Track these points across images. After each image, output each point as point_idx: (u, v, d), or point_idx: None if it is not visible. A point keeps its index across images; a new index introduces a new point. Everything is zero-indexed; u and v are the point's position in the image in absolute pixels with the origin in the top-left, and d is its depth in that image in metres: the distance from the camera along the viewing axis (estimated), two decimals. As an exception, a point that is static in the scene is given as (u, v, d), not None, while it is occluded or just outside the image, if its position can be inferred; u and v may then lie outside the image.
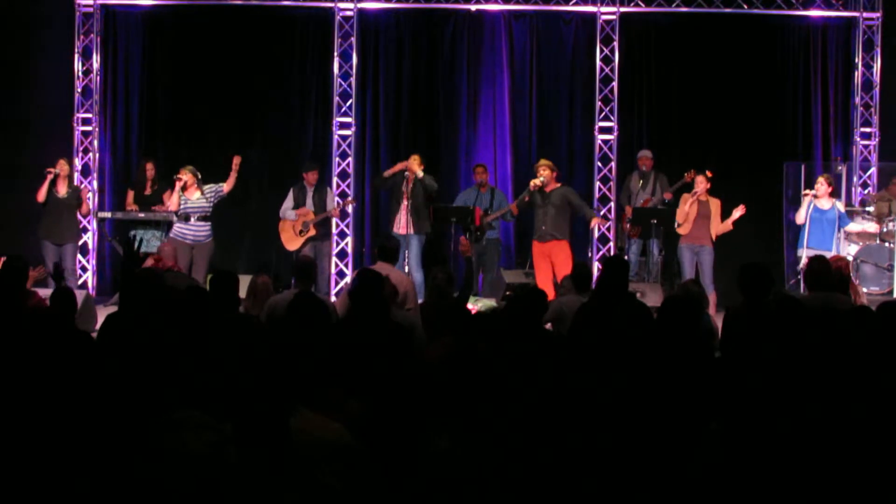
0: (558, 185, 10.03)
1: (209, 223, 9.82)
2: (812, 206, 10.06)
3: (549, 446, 3.27)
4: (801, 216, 10.11)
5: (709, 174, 10.27)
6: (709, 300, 9.12)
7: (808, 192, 10.20)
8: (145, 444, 2.94)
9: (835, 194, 10.41)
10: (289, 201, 10.70)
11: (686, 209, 10.15)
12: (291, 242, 10.67)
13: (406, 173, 10.37)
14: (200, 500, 2.83)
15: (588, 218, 10.29)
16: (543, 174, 9.86)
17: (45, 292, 7.43)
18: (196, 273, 9.39)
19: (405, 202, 10.33)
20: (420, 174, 10.33)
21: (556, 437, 3.33)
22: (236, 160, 10.00)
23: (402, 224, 10.31)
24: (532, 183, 9.87)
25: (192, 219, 9.72)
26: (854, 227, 10.49)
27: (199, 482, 2.84)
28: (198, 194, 9.76)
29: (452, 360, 3.69)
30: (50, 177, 10.10)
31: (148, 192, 10.80)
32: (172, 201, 9.79)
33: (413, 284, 7.64)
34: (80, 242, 10.89)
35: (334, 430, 3.25)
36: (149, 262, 8.16)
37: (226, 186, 9.96)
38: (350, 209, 11.51)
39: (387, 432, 3.50)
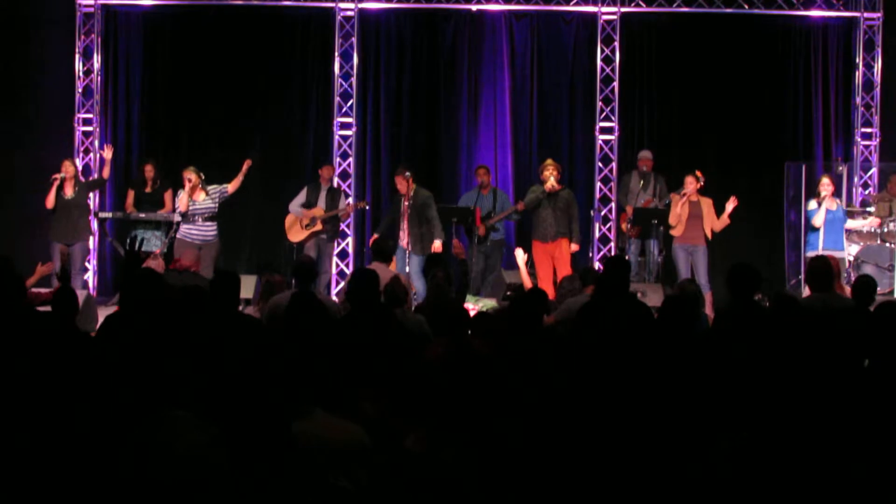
0: (560, 186, 10.08)
1: (215, 223, 9.86)
2: (824, 209, 10.01)
3: (549, 447, 3.27)
4: (818, 219, 9.99)
5: (698, 173, 10.24)
6: (705, 299, 9.12)
7: (822, 194, 10.07)
8: (132, 443, 2.93)
9: (835, 193, 10.38)
10: (300, 198, 10.66)
11: (678, 211, 10.14)
12: (296, 234, 10.65)
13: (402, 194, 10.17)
14: (188, 501, 2.83)
15: (572, 239, 10.19)
16: (556, 175, 9.90)
17: (40, 291, 7.45)
18: (203, 273, 9.39)
19: (405, 223, 10.05)
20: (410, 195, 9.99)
21: (557, 438, 3.33)
22: (247, 163, 10.02)
23: (405, 241, 10.06)
24: (550, 185, 9.87)
25: (199, 220, 9.74)
26: (853, 223, 10.45)
27: (186, 482, 2.84)
28: (203, 196, 9.78)
29: (448, 361, 3.69)
30: (57, 182, 10.09)
31: (149, 189, 10.81)
32: (182, 202, 9.80)
33: (408, 282, 7.65)
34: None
35: (351, 432, 3.23)
36: (156, 263, 8.18)
37: (231, 187, 9.96)
38: (351, 212, 11.46)
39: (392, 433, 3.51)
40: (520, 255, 8.17)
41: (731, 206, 10.07)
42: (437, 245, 10.02)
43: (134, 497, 2.78)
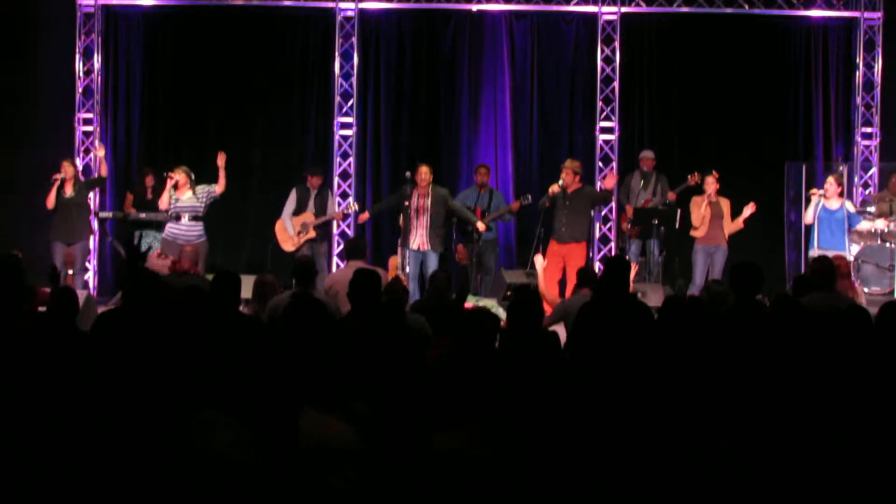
0: (580, 185, 9.80)
1: (201, 223, 9.75)
2: (820, 206, 10.04)
3: (549, 447, 3.27)
4: (808, 216, 10.05)
5: (715, 174, 10.28)
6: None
7: (815, 191, 10.15)
8: (168, 445, 2.94)
9: (843, 194, 10.38)
10: (291, 203, 10.62)
11: (702, 212, 10.16)
12: (288, 243, 10.63)
13: (413, 189, 10.02)
14: (224, 500, 2.83)
15: (605, 192, 10.23)
16: (564, 178, 9.69)
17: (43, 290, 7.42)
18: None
19: (423, 218, 9.79)
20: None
21: (556, 438, 3.32)
22: (221, 158, 9.86)
23: (420, 241, 9.80)
24: (550, 189, 9.73)
25: (184, 218, 9.68)
26: (865, 225, 10.45)
27: (222, 482, 2.84)
28: (189, 194, 9.72)
29: (449, 361, 3.69)
30: (57, 183, 10.08)
31: (149, 196, 10.79)
32: (162, 200, 9.76)
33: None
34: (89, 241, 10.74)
35: (340, 431, 3.24)
36: (164, 262, 8.17)
37: (217, 188, 9.82)
38: (350, 212, 11.45)
39: (392, 433, 3.50)
40: (539, 262, 8.06)
41: (748, 211, 10.08)
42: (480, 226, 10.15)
43: (168, 497, 2.79)
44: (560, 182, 9.65)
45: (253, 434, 2.92)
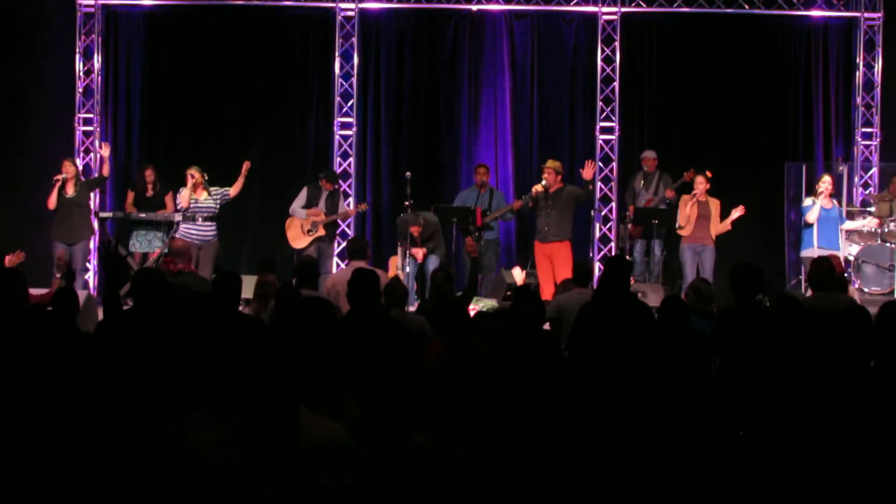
0: (562, 185, 9.94)
1: (215, 224, 9.91)
2: (818, 206, 10.07)
3: (549, 446, 3.27)
4: (813, 215, 10.07)
5: (708, 174, 10.28)
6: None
7: (819, 191, 10.14)
8: (149, 444, 2.94)
9: (833, 194, 10.42)
10: (301, 199, 10.64)
11: (687, 211, 10.16)
12: (298, 241, 10.64)
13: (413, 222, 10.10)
14: (204, 501, 2.83)
15: (585, 184, 10.03)
16: (546, 178, 9.80)
17: (37, 291, 7.43)
18: (201, 273, 9.37)
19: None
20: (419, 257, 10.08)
21: (556, 438, 3.33)
22: (246, 165, 10.05)
23: (420, 253, 10.11)
24: (534, 189, 9.83)
25: (199, 219, 9.77)
26: (851, 224, 10.49)
27: (202, 482, 2.84)
28: (205, 195, 9.84)
29: (448, 360, 3.69)
30: (58, 183, 10.09)
31: (150, 194, 10.78)
32: (183, 197, 9.85)
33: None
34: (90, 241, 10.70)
35: (332, 431, 3.24)
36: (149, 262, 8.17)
37: (232, 191, 10.02)
38: (359, 212, 11.45)
39: (386, 432, 3.50)
40: (517, 274, 8.11)
41: (736, 213, 10.10)
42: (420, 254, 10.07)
43: (150, 497, 2.79)
44: (543, 182, 9.75)
45: (239, 434, 2.92)
